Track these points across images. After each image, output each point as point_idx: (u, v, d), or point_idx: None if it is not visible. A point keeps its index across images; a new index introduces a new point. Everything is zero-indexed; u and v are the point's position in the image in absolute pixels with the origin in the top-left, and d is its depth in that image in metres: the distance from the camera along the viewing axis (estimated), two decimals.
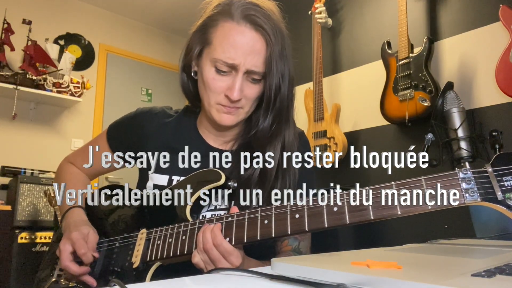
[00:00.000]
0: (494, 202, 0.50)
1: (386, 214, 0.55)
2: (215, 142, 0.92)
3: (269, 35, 0.77)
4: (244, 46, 0.76)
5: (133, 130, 0.95)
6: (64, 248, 0.82)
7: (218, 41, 0.78)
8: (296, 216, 0.62)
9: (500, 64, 1.83)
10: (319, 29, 2.57)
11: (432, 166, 1.78)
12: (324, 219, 0.59)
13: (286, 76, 0.81)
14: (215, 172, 0.79)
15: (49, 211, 2.63)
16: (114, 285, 0.43)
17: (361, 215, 0.56)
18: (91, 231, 0.85)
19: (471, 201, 0.51)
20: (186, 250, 0.71)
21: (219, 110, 0.82)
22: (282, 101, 0.82)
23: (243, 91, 0.80)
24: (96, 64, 3.74)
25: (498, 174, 0.50)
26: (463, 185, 0.51)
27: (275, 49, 0.78)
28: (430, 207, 0.52)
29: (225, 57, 0.77)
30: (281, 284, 0.42)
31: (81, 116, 3.57)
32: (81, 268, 0.82)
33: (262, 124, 0.83)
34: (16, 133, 3.18)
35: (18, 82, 2.88)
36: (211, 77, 0.80)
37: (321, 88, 2.47)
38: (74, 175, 1.02)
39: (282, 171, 0.82)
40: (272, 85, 0.79)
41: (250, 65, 0.77)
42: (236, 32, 0.77)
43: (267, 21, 0.78)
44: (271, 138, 0.83)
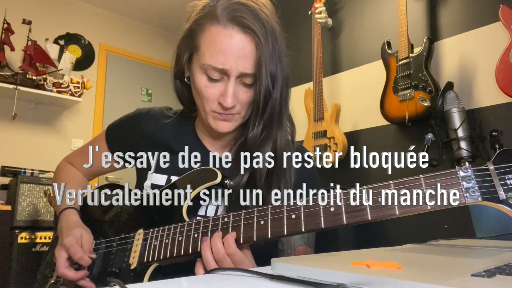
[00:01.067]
0: (496, 202, 0.47)
1: (384, 215, 0.54)
2: (213, 146, 0.90)
3: (258, 37, 0.73)
4: (233, 50, 0.73)
5: (131, 131, 0.94)
6: (59, 255, 0.81)
7: (205, 46, 0.75)
8: (293, 217, 0.61)
9: (500, 64, 1.83)
10: (319, 29, 2.57)
11: (432, 166, 1.78)
12: (320, 220, 0.58)
13: (278, 77, 0.77)
14: (211, 171, 0.77)
15: (49, 211, 2.63)
16: (114, 285, 0.43)
17: (359, 216, 0.55)
18: (84, 232, 0.84)
19: (472, 201, 0.48)
20: (183, 251, 0.70)
21: (215, 117, 0.79)
22: (274, 106, 0.78)
23: (237, 97, 0.76)
24: (96, 64, 3.74)
25: (500, 172, 0.47)
26: (463, 184, 0.49)
27: (265, 52, 0.74)
28: (429, 207, 0.51)
29: (214, 62, 0.73)
30: (281, 284, 0.42)
31: (81, 116, 3.57)
32: (78, 273, 0.81)
33: (252, 131, 0.79)
34: (16, 133, 3.18)
35: (18, 82, 2.87)
36: (203, 85, 0.77)
37: (321, 88, 2.47)
38: (72, 175, 1.01)
39: (275, 178, 0.79)
40: (261, 90, 0.75)
41: (242, 68, 0.74)
42: (223, 36, 0.73)
43: (255, 21, 0.73)
44: (261, 142, 0.80)
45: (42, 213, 2.62)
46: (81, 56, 3.61)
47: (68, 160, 1.06)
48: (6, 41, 2.89)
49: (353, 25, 2.62)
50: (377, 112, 2.25)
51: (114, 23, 3.92)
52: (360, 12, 2.58)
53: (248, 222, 0.65)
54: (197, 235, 0.70)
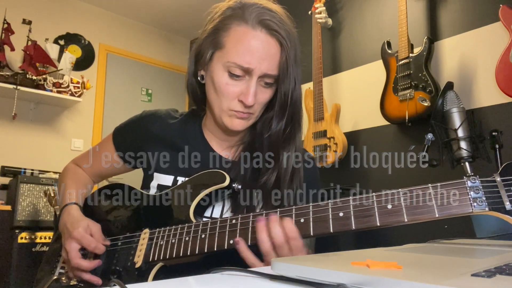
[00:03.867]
0: (502, 212, 0.49)
1: (392, 221, 0.55)
2: (219, 146, 0.92)
3: (284, 39, 0.77)
4: (259, 51, 0.76)
5: (138, 132, 0.96)
6: (71, 247, 0.82)
7: (231, 45, 0.77)
8: (301, 221, 0.62)
9: (500, 64, 1.83)
10: (319, 29, 2.57)
11: (432, 166, 1.78)
12: (329, 224, 0.59)
13: (298, 80, 0.81)
14: (220, 174, 0.79)
15: (49, 211, 2.63)
16: (114, 285, 0.43)
17: (367, 221, 0.57)
18: (90, 222, 0.85)
19: (479, 210, 0.50)
20: (189, 251, 0.71)
21: (231, 115, 0.81)
22: (296, 105, 0.82)
23: (255, 96, 0.79)
24: (96, 64, 3.75)
25: (506, 184, 0.50)
26: (471, 194, 0.51)
27: (290, 54, 0.78)
28: (437, 216, 0.52)
29: (240, 60, 0.76)
30: (281, 284, 0.42)
31: (81, 116, 3.57)
32: (92, 262, 0.82)
33: (276, 127, 0.82)
34: (16, 133, 3.18)
35: (18, 82, 2.88)
36: (224, 82, 0.79)
37: (321, 88, 2.47)
38: (78, 175, 1.02)
39: (291, 174, 0.82)
40: (288, 90, 0.79)
41: (265, 69, 0.77)
42: (251, 36, 0.76)
43: (282, 25, 0.78)
44: (285, 141, 0.83)
45: (42, 213, 2.62)
46: (81, 56, 3.61)
47: (75, 162, 1.07)
48: (6, 41, 2.89)
49: (353, 25, 2.62)
50: (377, 112, 2.25)
51: (114, 23, 3.92)
52: (360, 12, 2.58)
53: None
54: (204, 236, 0.70)
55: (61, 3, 3.59)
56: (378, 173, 2.30)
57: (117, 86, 3.91)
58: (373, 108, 2.31)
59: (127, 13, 3.94)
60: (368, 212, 0.57)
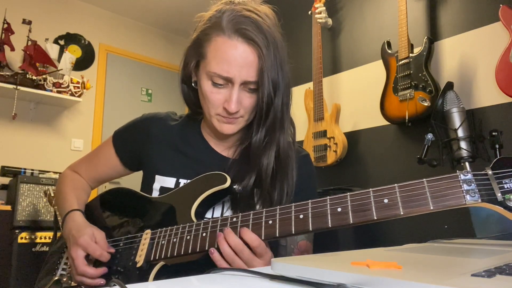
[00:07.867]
0: (494, 203, 0.51)
1: (389, 215, 0.56)
2: (218, 147, 0.94)
3: (260, 47, 0.78)
4: (237, 59, 0.78)
5: (138, 134, 0.96)
6: (76, 254, 0.82)
7: (212, 55, 0.80)
8: (301, 216, 0.63)
9: (500, 64, 1.83)
10: (319, 29, 2.57)
11: (432, 166, 1.78)
12: (328, 219, 0.60)
13: (280, 85, 0.81)
14: (221, 176, 0.80)
15: (49, 211, 2.63)
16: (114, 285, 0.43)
17: (365, 215, 0.58)
18: (95, 230, 0.86)
19: (472, 202, 0.52)
20: (190, 250, 0.72)
21: (220, 120, 0.84)
22: (276, 111, 0.82)
23: (241, 102, 0.81)
24: (96, 64, 3.75)
25: (498, 177, 0.52)
26: (464, 186, 0.53)
27: (266, 62, 0.78)
28: (432, 208, 0.54)
29: (219, 70, 0.78)
30: (281, 284, 0.42)
31: (81, 116, 3.57)
32: (98, 270, 0.82)
33: (255, 136, 0.84)
34: (16, 133, 3.18)
35: (18, 82, 2.88)
36: (208, 91, 0.82)
37: (321, 88, 2.47)
38: (76, 182, 1.02)
39: (279, 178, 0.83)
40: (264, 97, 0.80)
41: (245, 76, 0.79)
42: (228, 46, 0.78)
43: (258, 33, 0.78)
44: (265, 148, 0.84)
45: (42, 213, 2.62)
46: (81, 56, 3.61)
47: (72, 169, 1.07)
48: (6, 41, 2.89)
49: (353, 25, 2.62)
50: (377, 112, 2.25)
51: (114, 23, 3.92)
52: (360, 12, 2.58)
53: (257, 222, 0.67)
54: (205, 234, 0.71)
55: (61, 3, 3.59)
56: (378, 173, 2.30)
57: (117, 86, 3.91)
58: (373, 108, 2.31)
59: (127, 13, 3.94)
60: (365, 206, 0.58)
